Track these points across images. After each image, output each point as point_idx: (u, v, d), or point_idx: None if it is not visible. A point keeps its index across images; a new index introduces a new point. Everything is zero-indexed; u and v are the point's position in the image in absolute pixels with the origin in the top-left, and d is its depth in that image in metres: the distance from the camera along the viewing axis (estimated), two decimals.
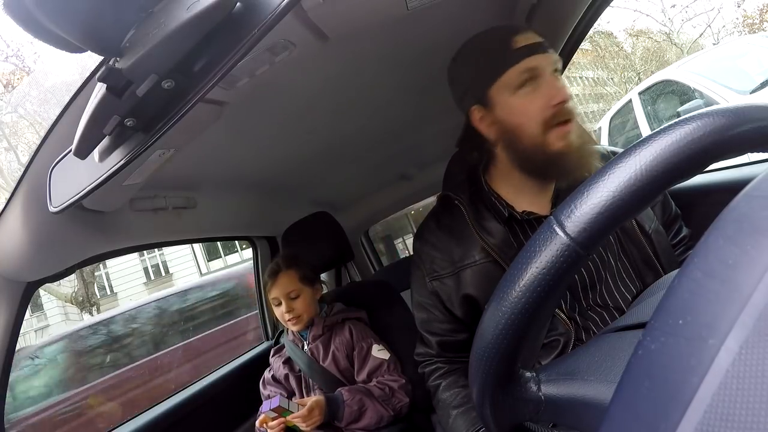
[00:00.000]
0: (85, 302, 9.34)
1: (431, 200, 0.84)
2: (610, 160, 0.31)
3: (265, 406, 1.06)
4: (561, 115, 0.69)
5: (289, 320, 1.16)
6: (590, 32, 1.24)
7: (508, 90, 0.71)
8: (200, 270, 16.09)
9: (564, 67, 1.30)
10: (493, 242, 0.74)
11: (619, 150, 0.86)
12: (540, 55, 0.70)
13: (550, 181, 0.77)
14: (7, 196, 0.71)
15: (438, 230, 0.84)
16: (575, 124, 0.71)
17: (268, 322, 1.68)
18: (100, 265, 14.61)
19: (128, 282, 15.93)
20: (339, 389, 1.12)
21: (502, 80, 0.71)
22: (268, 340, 1.68)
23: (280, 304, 1.17)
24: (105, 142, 0.51)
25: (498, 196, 0.78)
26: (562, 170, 0.71)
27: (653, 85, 3.69)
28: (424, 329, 0.87)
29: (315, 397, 1.08)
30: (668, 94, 3.56)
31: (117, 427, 1.11)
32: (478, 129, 0.77)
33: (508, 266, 0.72)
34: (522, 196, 0.78)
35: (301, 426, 1.04)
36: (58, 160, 0.58)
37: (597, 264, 0.73)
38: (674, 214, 0.84)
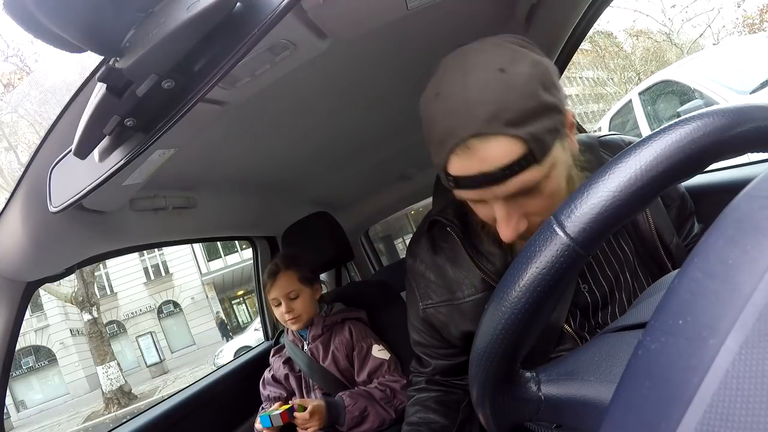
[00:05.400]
0: (85, 302, 9.34)
1: (431, 200, 0.82)
2: (610, 159, 0.31)
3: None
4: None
5: (288, 320, 1.16)
6: (590, 32, 1.24)
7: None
8: (200, 270, 16.11)
9: (562, 69, 1.30)
10: (494, 269, 0.68)
11: (635, 139, 0.85)
12: (480, 190, 0.52)
13: None
14: (7, 196, 0.71)
15: (432, 252, 0.76)
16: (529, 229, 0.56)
17: (268, 322, 1.69)
18: (100, 265, 14.61)
19: (128, 282, 15.94)
20: (340, 394, 1.12)
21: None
22: (268, 340, 1.68)
23: (279, 304, 1.17)
24: (105, 142, 0.51)
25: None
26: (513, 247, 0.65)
27: (653, 86, 3.70)
28: (419, 351, 0.83)
29: (316, 402, 1.07)
30: (668, 94, 3.56)
31: (117, 427, 1.11)
32: None
33: None
34: None
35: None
36: (58, 160, 0.58)
37: (612, 284, 0.68)
38: (689, 211, 0.76)
